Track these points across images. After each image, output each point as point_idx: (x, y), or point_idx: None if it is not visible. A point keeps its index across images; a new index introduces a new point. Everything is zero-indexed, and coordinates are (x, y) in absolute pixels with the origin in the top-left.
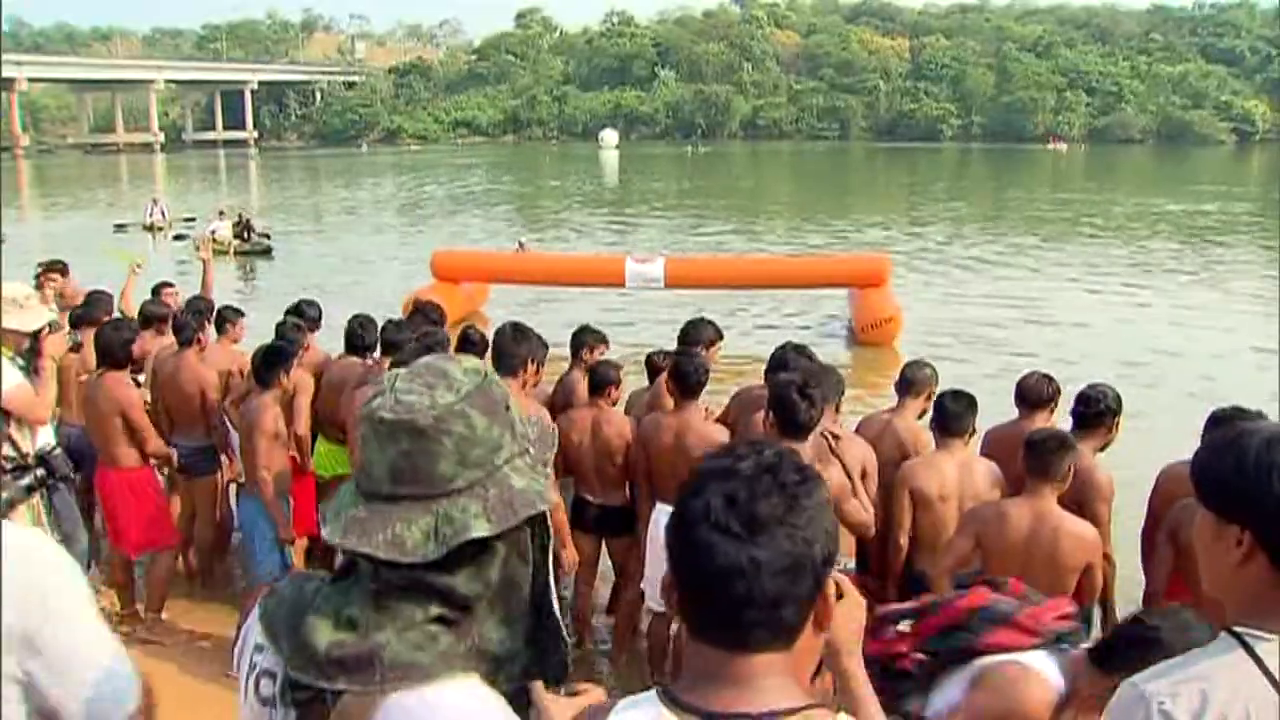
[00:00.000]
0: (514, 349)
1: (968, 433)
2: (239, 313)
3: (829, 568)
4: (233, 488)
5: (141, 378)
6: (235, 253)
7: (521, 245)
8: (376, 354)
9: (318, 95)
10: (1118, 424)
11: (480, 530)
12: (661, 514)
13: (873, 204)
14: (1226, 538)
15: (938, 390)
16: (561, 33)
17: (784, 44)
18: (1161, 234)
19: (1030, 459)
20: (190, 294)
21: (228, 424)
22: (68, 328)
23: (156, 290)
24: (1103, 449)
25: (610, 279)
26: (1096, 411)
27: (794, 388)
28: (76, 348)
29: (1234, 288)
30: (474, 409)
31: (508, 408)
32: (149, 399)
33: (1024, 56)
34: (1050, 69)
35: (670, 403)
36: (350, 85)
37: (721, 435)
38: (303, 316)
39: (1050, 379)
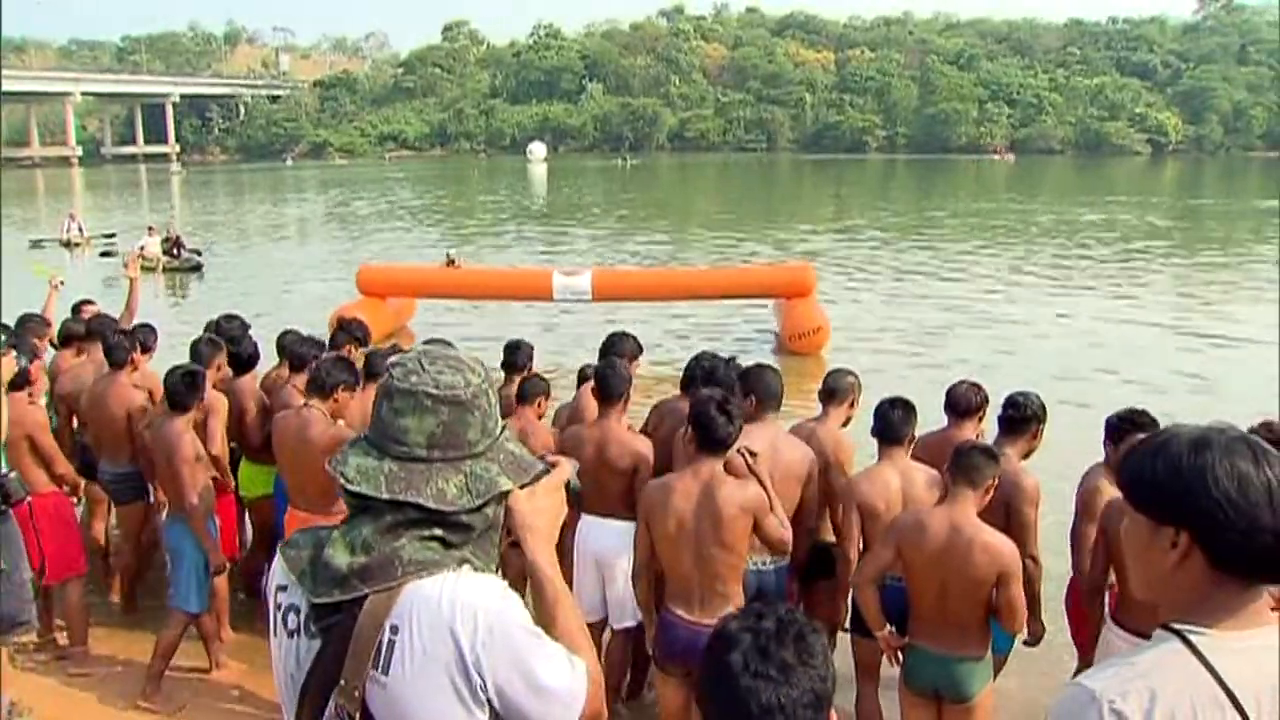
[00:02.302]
0: None
1: (908, 440)
2: (154, 333)
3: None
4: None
5: (43, 400)
6: (164, 269)
7: (451, 260)
8: (287, 370)
9: (241, 109)
10: (1040, 431)
11: (505, 485)
12: (588, 526)
13: (801, 214)
14: (1161, 540)
15: (873, 399)
16: (489, 45)
17: (711, 56)
18: (1085, 240)
19: (956, 467)
20: (115, 311)
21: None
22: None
23: (76, 308)
24: (1026, 456)
25: (538, 292)
26: (1023, 417)
27: (714, 404)
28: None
29: (1151, 291)
30: (490, 390)
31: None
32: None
33: (947, 69)
34: (972, 81)
35: (593, 414)
36: (275, 99)
37: (644, 446)
38: (220, 333)
39: (978, 387)
